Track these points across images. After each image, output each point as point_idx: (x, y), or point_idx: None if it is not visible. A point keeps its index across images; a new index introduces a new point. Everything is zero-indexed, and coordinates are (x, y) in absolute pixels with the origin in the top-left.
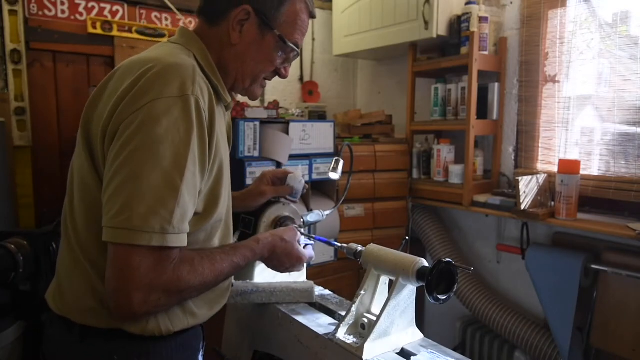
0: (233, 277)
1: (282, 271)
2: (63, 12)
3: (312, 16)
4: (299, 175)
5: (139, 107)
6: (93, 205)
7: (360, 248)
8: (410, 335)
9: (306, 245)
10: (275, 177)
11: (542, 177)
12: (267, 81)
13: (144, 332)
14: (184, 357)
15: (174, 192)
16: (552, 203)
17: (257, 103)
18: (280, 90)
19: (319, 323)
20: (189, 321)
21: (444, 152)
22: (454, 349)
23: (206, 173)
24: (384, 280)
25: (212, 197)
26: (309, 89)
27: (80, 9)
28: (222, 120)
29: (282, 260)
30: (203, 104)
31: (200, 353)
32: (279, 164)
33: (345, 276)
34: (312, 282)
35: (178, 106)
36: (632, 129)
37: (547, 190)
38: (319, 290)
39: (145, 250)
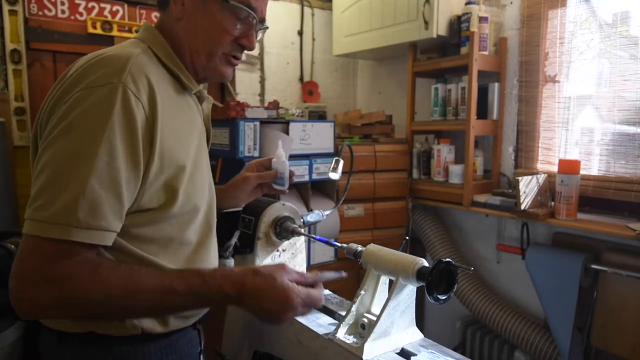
0: None
1: (274, 322)
2: (63, 12)
3: None
4: (281, 155)
5: (64, 101)
6: None
7: (360, 248)
8: (410, 335)
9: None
10: (261, 165)
11: (542, 177)
12: (236, 60)
13: (113, 333)
14: None
15: (77, 182)
16: (552, 203)
17: (257, 103)
18: (280, 90)
19: (319, 323)
20: (155, 326)
21: (444, 152)
22: (454, 349)
23: (152, 166)
24: (384, 280)
25: (169, 191)
26: (309, 89)
27: (80, 9)
28: (187, 112)
29: (260, 302)
30: (136, 92)
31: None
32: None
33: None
34: None
35: (96, 94)
36: (632, 129)
37: (547, 190)
38: None
39: (44, 241)
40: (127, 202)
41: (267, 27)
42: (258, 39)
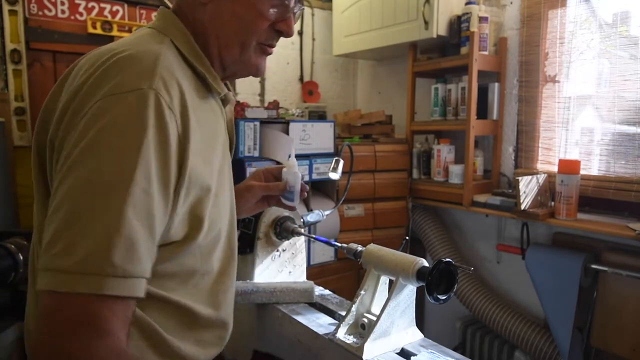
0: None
1: None
2: (63, 12)
3: None
4: (293, 165)
5: (81, 115)
6: None
7: (360, 248)
8: (410, 335)
9: None
10: (269, 173)
11: (542, 177)
12: (271, 48)
13: None
14: None
15: (109, 214)
16: (552, 203)
17: (257, 103)
18: (280, 90)
19: (319, 323)
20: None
21: (444, 152)
22: (454, 349)
23: (182, 192)
24: (384, 280)
25: (193, 218)
26: (309, 89)
27: (80, 9)
28: (212, 120)
29: None
30: (169, 102)
31: None
32: (279, 165)
33: (345, 276)
34: (312, 282)
35: (123, 102)
36: (632, 129)
37: (547, 190)
38: (319, 290)
39: (67, 299)
40: (158, 237)
41: (303, 8)
42: (295, 23)
